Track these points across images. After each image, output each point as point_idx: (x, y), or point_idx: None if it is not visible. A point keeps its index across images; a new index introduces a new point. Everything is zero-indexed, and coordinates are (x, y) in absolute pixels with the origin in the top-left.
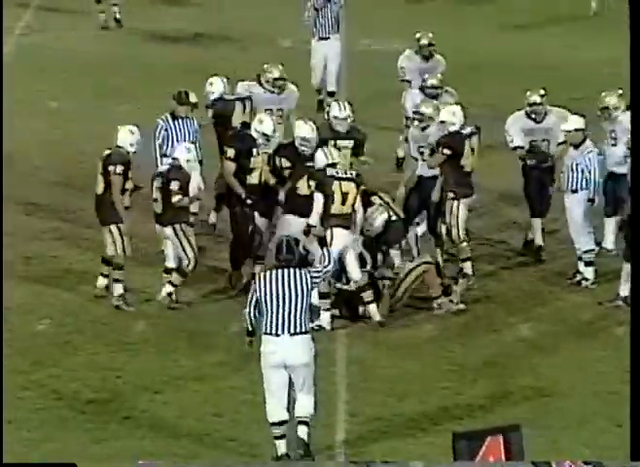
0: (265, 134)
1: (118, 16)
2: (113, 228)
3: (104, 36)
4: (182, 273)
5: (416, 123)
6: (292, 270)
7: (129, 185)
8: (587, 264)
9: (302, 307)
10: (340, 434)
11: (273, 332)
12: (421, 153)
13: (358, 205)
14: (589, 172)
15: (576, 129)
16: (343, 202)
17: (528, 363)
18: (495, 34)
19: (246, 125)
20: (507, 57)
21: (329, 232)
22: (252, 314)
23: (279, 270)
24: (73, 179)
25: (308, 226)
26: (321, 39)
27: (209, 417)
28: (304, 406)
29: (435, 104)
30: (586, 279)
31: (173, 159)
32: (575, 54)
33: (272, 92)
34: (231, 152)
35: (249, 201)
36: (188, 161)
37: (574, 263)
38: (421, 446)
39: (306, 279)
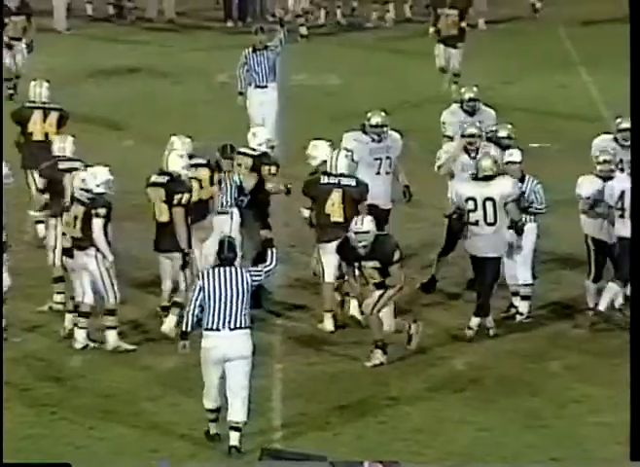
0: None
1: None
2: None
3: None
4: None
5: None
6: (233, 269)
7: None
8: (524, 298)
9: (242, 304)
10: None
11: (215, 327)
12: None
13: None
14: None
15: (518, 162)
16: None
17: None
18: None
19: None
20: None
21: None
22: (194, 312)
23: (221, 269)
24: None
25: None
26: (258, 87)
27: (146, 453)
28: (237, 411)
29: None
30: (521, 314)
31: None
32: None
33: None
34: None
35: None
36: None
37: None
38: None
39: (246, 278)
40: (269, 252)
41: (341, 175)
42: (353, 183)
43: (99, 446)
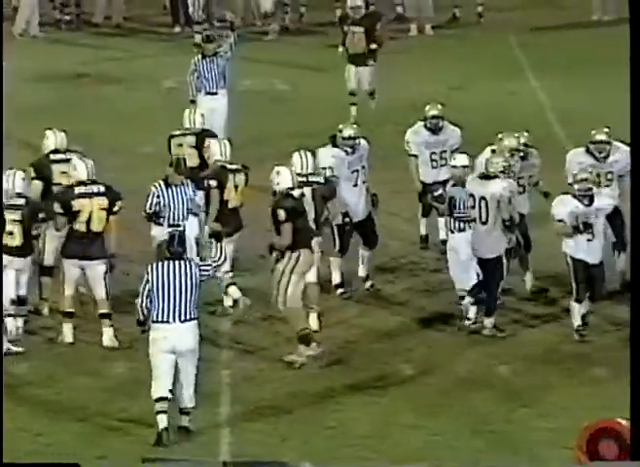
0: None
1: None
2: None
3: None
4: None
5: None
6: (182, 263)
7: None
8: (473, 303)
9: (191, 297)
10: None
11: (165, 319)
12: None
13: None
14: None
15: (463, 166)
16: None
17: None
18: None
19: None
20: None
21: None
22: (144, 304)
23: (170, 262)
24: None
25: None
26: (208, 94)
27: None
28: (187, 397)
29: None
30: (469, 319)
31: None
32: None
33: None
34: None
35: None
36: None
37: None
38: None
39: (195, 271)
40: (219, 246)
41: (310, 174)
42: (322, 180)
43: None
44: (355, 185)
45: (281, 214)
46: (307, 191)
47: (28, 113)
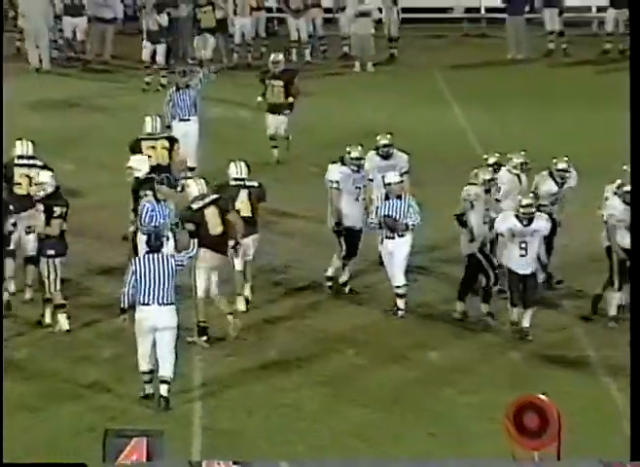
0: None
1: None
2: None
3: None
4: None
5: None
6: (160, 255)
7: None
8: (401, 296)
9: (168, 283)
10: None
11: (147, 302)
12: None
13: None
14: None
15: (395, 183)
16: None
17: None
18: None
19: None
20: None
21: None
22: (129, 292)
23: (150, 255)
24: None
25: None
26: (182, 120)
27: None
28: (166, 368)
29: None
30: (400, 309)
31: None
32: None
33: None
34: None
35: None
36: None
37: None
38: None
39: (171, 262)
40: (192, 242)
41: (246, 179)
42: (256, 184)
43: None
44: (357, 199)
45: (185, 225)
46: (244, 192)
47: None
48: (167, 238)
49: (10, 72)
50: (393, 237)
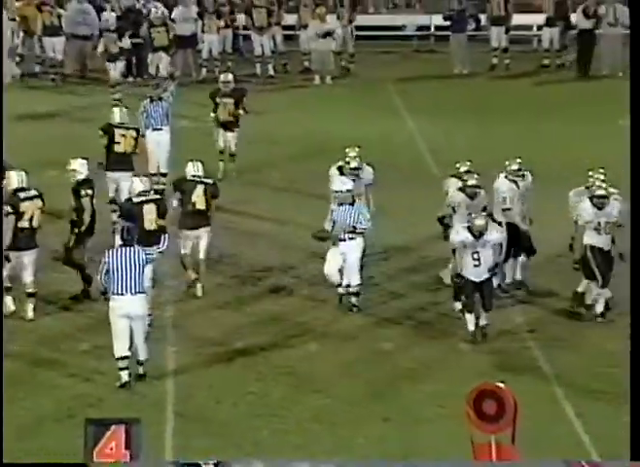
0: None
1: None
2: None
3: None
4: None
5: None
6: (132, 248)
7: None
8: (356, 294)
9: (139, 275)
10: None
11: (120, 292)
12: None
13: None
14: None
15: (347, 190)
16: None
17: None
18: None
19: None
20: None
21: None
22: (103, 280)
23: (122, 248)
24: None
25: None
26: (154, 130)
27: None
28: (141, 352)
29: None
30: (355, 306)
31: None
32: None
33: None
34: None
35: None
36: None
37: None
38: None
39: (142, 255)
40: (162, 237)
41: (202, 176)
42: (211, 182)
43: None
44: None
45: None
46: (200, 187)
47: (13, 146)
48: None
49: None
50: (345, 240)
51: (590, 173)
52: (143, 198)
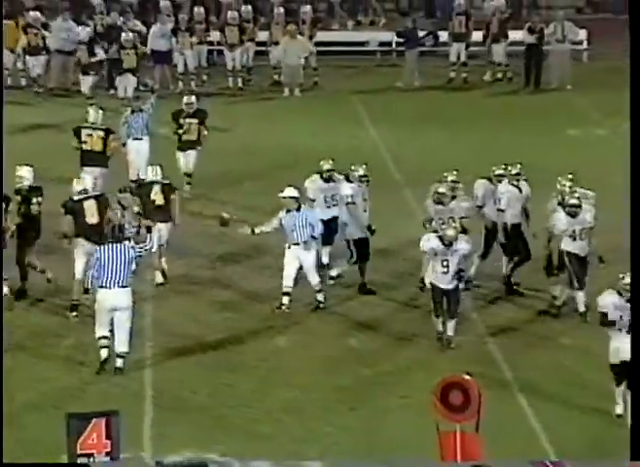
0: None
1: None
2: None
3: None
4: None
5: None
6: (120, 245)
7: None
8: (319, 291)
9: (126, 270)
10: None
11: (107, 285)
12: None
13: None
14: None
15: (291, 197)
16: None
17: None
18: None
19: None
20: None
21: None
22: (92, 274)
23: (111, 245)
24: None
25: None
26: (135, 139)
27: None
28: (123, 344)
29: None
30: (322, 302)
31: None
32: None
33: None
34: None
35: None
36: None
37: None
38: None
39: (130, 251)
40: (148, 236)
41: (160, 178)
42: (167, 181)
43: None
44: (328, 207)
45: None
46: (157, 186)
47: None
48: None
49: None
50: (298, 244)
51: (560, 179)
52: (83, 196)
